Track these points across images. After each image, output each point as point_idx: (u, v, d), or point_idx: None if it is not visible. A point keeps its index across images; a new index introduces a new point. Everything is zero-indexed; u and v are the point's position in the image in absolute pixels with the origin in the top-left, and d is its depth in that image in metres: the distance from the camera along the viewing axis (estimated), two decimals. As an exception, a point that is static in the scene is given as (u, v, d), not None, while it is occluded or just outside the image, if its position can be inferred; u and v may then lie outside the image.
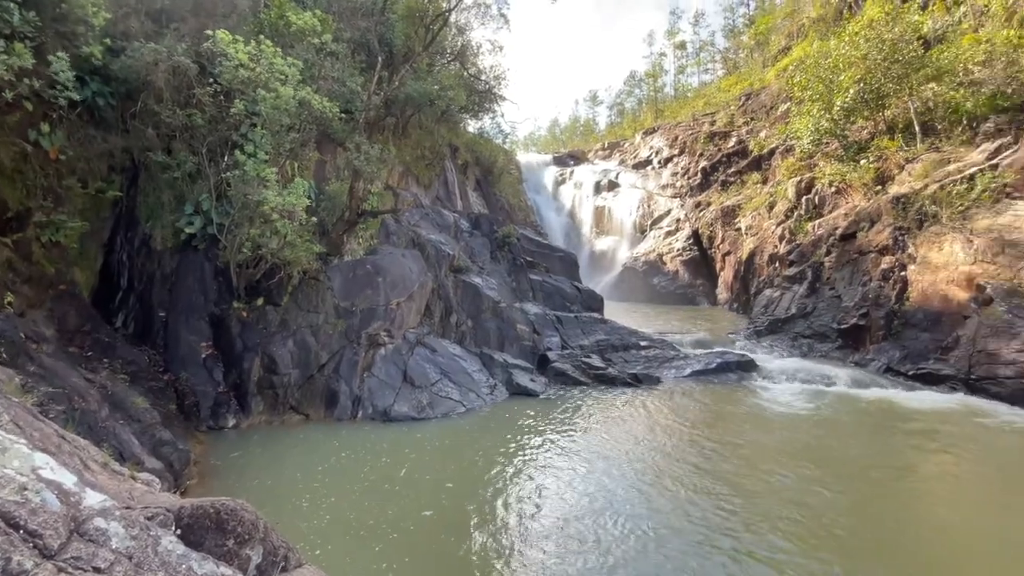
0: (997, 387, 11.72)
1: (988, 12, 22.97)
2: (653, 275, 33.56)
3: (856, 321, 15.46)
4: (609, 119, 79.92)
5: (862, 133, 21.08)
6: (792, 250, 20.35)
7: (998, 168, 14.74)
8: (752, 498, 7.39)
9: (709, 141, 35.85)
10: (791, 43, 39.49)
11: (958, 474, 8.60)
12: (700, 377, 14.15)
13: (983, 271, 13.20)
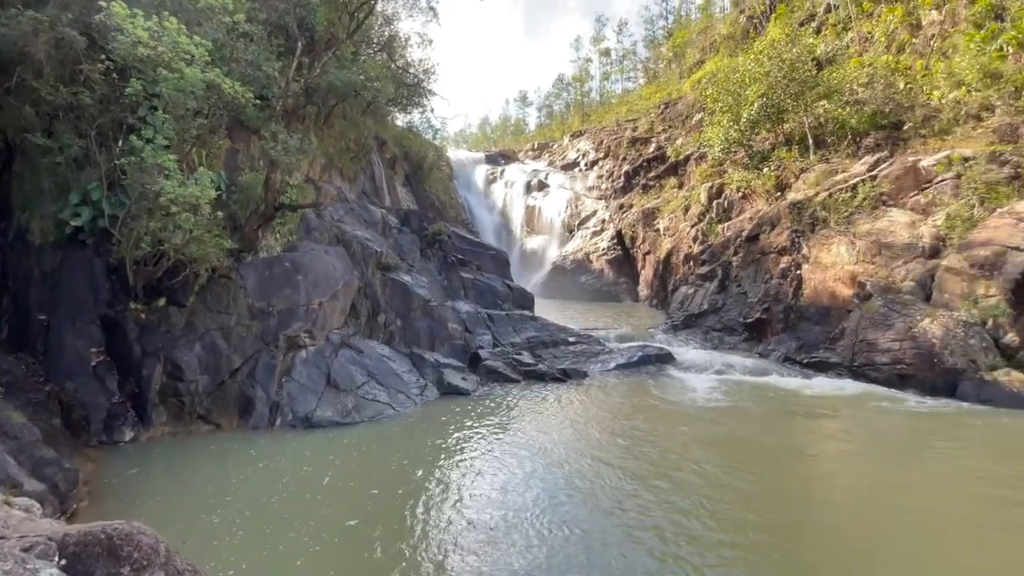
0: (875, 372, 13.31)
1: (871, 39, 26.01)
2: (581, 273, 34.63)
3: (759, 315, 16.91)
4: (539, 120, 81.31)
5: (765, 144, 23.06)
6: (704, 250, 21.87)
7: (876, 179, 16.75)
8: (673, 485, 7.81)
9: (631, 146, 37.55)
10: (705, 57, 42.31)
11: (848, 452, 9.70)
12: (623, 370, 14.80)
13: (864, 270, 14.94)
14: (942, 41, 22.10)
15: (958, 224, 13.94)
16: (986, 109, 16.96)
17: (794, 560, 6.01)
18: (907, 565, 5.93)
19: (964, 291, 12.86)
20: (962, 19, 21.80)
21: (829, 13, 29.98)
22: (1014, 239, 12.62)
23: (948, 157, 15.53)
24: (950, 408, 11.26)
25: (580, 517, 6.82)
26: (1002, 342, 12.15)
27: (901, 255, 14.48)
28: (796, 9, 32.85)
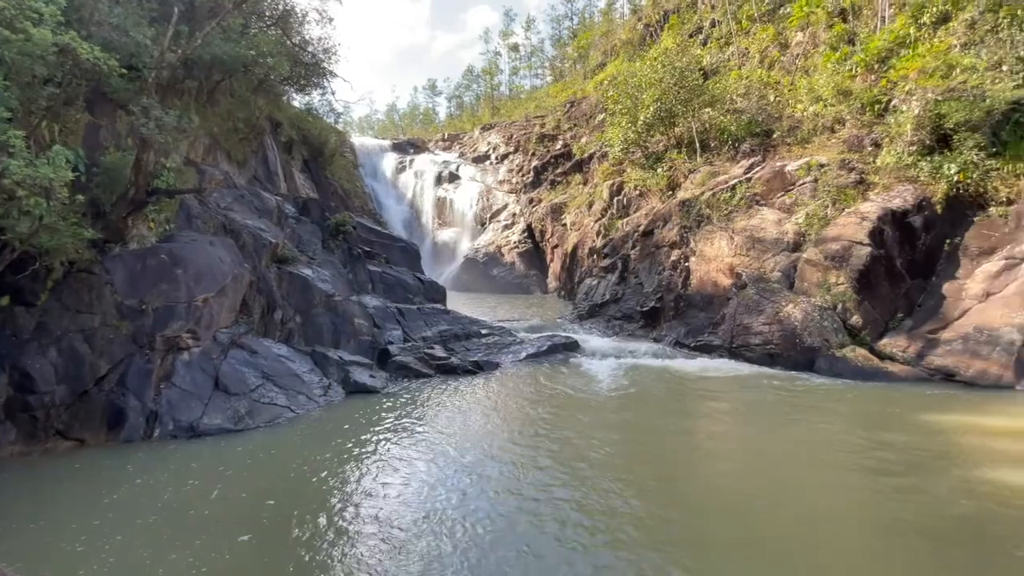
0: (750, 352, 14.96)
1: (748, 54, 28.90)
2: (493, 266, 34.95)
3: (654, 304, 18.26)
4: (449, 111, 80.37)
5: (659, 145, 24.81)
6: (606, 244, 23.11)
7: (751, 181, 18.74)
8: (578, 473, 8.16)
9: (540, 142, 38.48)
10: (607, 60, 44.42)
11: (729, 425, 10.82)
12: (534, 359, 15.24)
13: (740, 262, 16.69)
14: (805, 60, 25.20)
15: (815, 222, 16.05)
16: (839, 122, 19.63)
17: (700, 536, 6.61)
18: (783, 517, 6.79)
19: (819, 280, 14.87)
20: (821, 41, 25.01)
21: (713, 28, 32.88)
22: (858, 235, 14.81)
23: (808, 163, 17.80)
24: (809, 381, 13.00)
25: (491, 515, 6.75)
26: (849, 323, 14.25)
27: (770, 249, 16.38)
28: (686, 22, 35.61)
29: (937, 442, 9.06)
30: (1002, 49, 16.85)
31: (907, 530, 6.40)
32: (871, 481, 7.85)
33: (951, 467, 8.07)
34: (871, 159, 16.97)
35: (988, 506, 6.84)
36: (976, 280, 13.83)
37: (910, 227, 14.89)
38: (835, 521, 6.71)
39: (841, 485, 7.79)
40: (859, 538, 6.30)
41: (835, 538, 6.31)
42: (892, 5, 22.81)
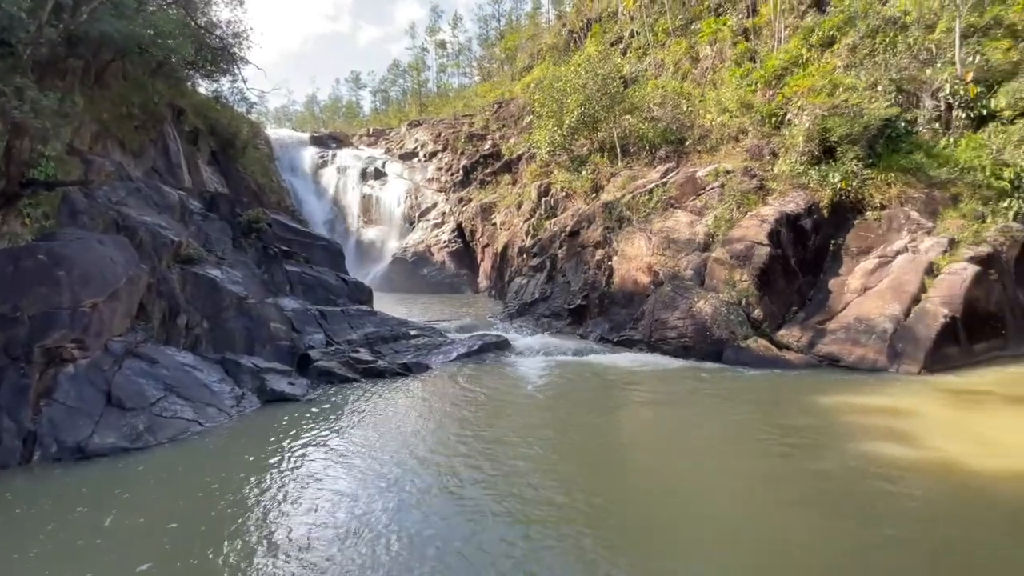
0: (667, 345, 15.87)
1: (664, 65, 30.62)
2: (423, 266, 34.40)
3: (580, 302, 18.89)
4: (374, 105, 77.96)
5: (583, 149, 25.69)
6: (535, 244, 23.56)
7: (667, 185, 19.91)
8: (516, 470, 8.17)
9: (469, 141, 38.41)
10: (533, 63, 45.20)
11: (649, 413, 11.44)
12: (465, 359, 15.19)
13: (658, 261, 17.69)
14: (714, 74, 27.18)
15: (722, 224, 17.36)
16: (742, 132, 21.37)
17: (627, 521, 6.91)
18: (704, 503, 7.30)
19: (726, 277, 16.11)
20: (727, 57, 27.10)
21: (633, 38, 34.55)
22: (759, 236, 16.21)
23: (716, 170, 19.22)
24: (718, 371, 14.03)
25: (421, 525, 6.47)
26: (752, 316, 15.56)
27: (684, 249, 17.52)
28: (608, 31, 37.12)
29: (825, 421, 10.16)
30: (878, 71, 19.23)
31: (803, 502, 7.16)
32: (770, 459, 8.68)
33: (835, 443, 9.09)
34: (770, 167, 18.65)
35: (866, 476, 7.80)
36: (856, 276, 15.66)
37: (802, 229, 16.55)
38: (744, 498, 7.34)
39: (746, 465, 8.52)
40: (761, 512, 6.94)
41: (743, 514, 6.90)
42: (787, 27, 25.23)
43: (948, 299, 13.78)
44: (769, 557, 5.95)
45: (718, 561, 5.85)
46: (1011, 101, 16.41)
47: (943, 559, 5.92)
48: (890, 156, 17.06)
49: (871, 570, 5.66)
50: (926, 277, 14.43)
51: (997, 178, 15.72)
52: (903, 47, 19.41)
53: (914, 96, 18.39)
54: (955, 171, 16.30)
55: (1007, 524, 6.59)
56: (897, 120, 17.63)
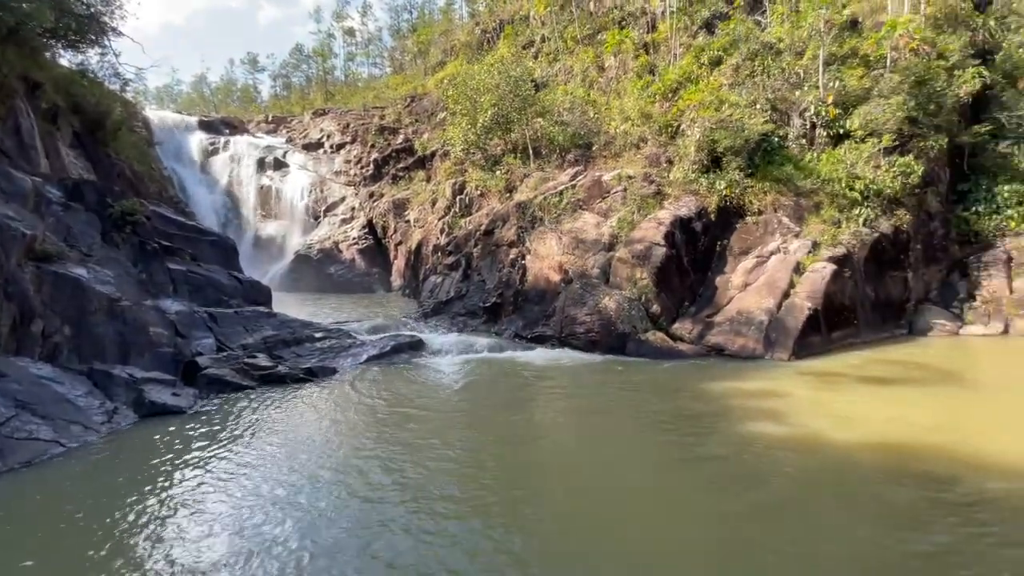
0: (576, 340, 16.59)
1: (573, 72, 31.80)
2: (330, 264, 32.74)
3: (495, 300, 19.14)
4: (274, 90, 72.73)
5: (497, 149, 25.97)
6: (450, 242, 23.45)
7: (575, 187, 20.76)
8: (426, 477, 8.06)
9: (380, 134, 37.18)
10: (447, 59, 44.78)
11: (559, 405, 11.89)
12: (376, 361, 14.74)
13: (567, 260, 18.42)
14: (617, 84, 28.75)
15: (625, 226, 18.48)
16: (643, 140, 22.84)
17: (540, 512, 7.11)
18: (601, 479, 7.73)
19: (628, 275, 17.18)
20: (630, 69, 28.80)
21: (543, 43, 35.50)
22: (656, 237, 17.47)
23: (619, 174, 20.40)
24: (622, 363, 14.95)
25: (319, 545, 5.97)
26: (651, 312, 16.74)
27: (591, 248, 18.41)
28: (520, 34, 37.79)
29: (713, 406, 11.25)
30: (756, 91, 21.49)
31: (698, 482, 7.91)
32: (668, 444, 9.48)
33: (722, 425, 10.12)
34: (666, 174, 20.15)
35: (748, 453, 8.77)
36: (738, 274, 17.46)
37: (693, 231, 18.11)
38: (648, 483, 7.94)
39: (648, 451, 9.23)
40: (663, 494, 7.56)
41: (648, 497, 7.46)
42: (682, 45, 27.37)
43: (811, 294, 15.85)
44: (667, 532, 6.52)
45: (622, 540, 6.28)
46: (863, 122, 19.19)
47: (811, 521, 6.85)
48: (766, 167, 19.20)
49: (751, 536, 6.40)
50: (794, 275, 16.47)
51: (851, 189, 18.32)
52: (777, 70, 21.91)
53: (785, 114, 20.84)
54: (817, 182, 18.73)
55: (860, 485, 7.77)
56: (772, 135, 19.89)
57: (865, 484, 7.79)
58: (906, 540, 6.22)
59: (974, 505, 6.97)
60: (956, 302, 19.03)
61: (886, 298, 18.24)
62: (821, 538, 6.39)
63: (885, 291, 18.23)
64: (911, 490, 7.49)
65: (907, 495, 7.38)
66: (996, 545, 6.06)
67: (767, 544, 6.17)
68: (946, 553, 5.93)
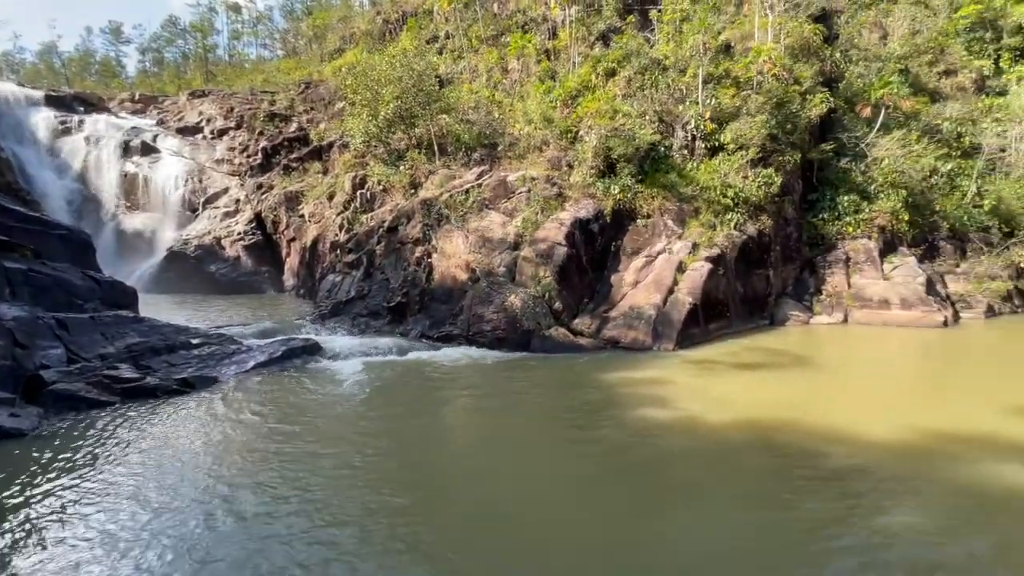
0: (483, 338, 16.70)
1: (478, 71, 31.88)
2: (211, 262, 29.58)
3: (400, 299, 18.63)
4: (143, 66, 64.36)
5: (401, 143, 25.26)
6: (351, 239, 22.37)
7: (481, 187, 20.85)
8: (321, 494, 7.54)
9: (270, 121, 34.40)
10: (345, 46, 42.66)
11: (470, 404, 11.87)
12: (265, 368, 13.63)
13: (474, 259, 18.47)
14: (521, 87, 29.38)
15: (529, 226, 18.96)
16: (545, 143, 23.56)
17: (441, 507, 6.99)
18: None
19: (533, 274, 17.67)
20: (532, 73, 29.57)
21: (448, 40, 35.22)
22: (558, 237, 18.15)
23: (523, 176, 20.87)
24: (527, 359, 15.35)
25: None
26: (553, 308, 17.35)
27: (497, 247, 18.64)
28: (423, 27, 37.12)
29: (608, 395, 11.98)
30: (646, 103, 23.14)
31: (594, 468, 8.35)
32: (568, 434, 9.94)
33: (617, 412, 10.81)
34: (567, 177, 21.01)
35: (638, 437, 9.44)
36: (630, 272, 18.73)
37: (591, 232, 19.09)
38: (548, 474, 8.21)
39: (549, 443, 9.58)
40: (560, 483, 7.87)
41: (548, 488, 7.72)
42: (580, 55, 28.67)
43: (692, 290, 17.48)
44: (564, 515, 6.82)
45: (522, 532, 6.46)
46: (734, 137, 21.50)
47: (692, 493, 7.56)
48: (654, 174, 20.80)
49: (641, 509, 6.91)
50: (677, 273, 18.06)
51: (724, 196, 20.45)
52: (664, 85, 23.82)
53: (671, 126, 22.73)
54: (697, 189, 20.69)
55: (735, 462, 8.71)
56: (659, 145, 21.59)
57: (738, 460, 8.78)
58: (778, 510, 7.10)
59: (830, 473, 8.14)
60: (807, 296, 22.14)
61: (752, 293, 20.69)
62: (702, 514, 7.09)
63: (751, 287, 20.67)
64: (777, 462, 8.60)
65: (774, 467, 8.46)
66: (854, 508, 7.13)
67: (652, 520, 6.72)
68: (813, 519, 6.86)
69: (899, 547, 6.14)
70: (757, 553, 6.06)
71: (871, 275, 21.81)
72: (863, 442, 9.10)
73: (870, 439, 9.20)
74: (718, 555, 6.05)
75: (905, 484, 7.69)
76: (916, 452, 8.75)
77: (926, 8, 34.40)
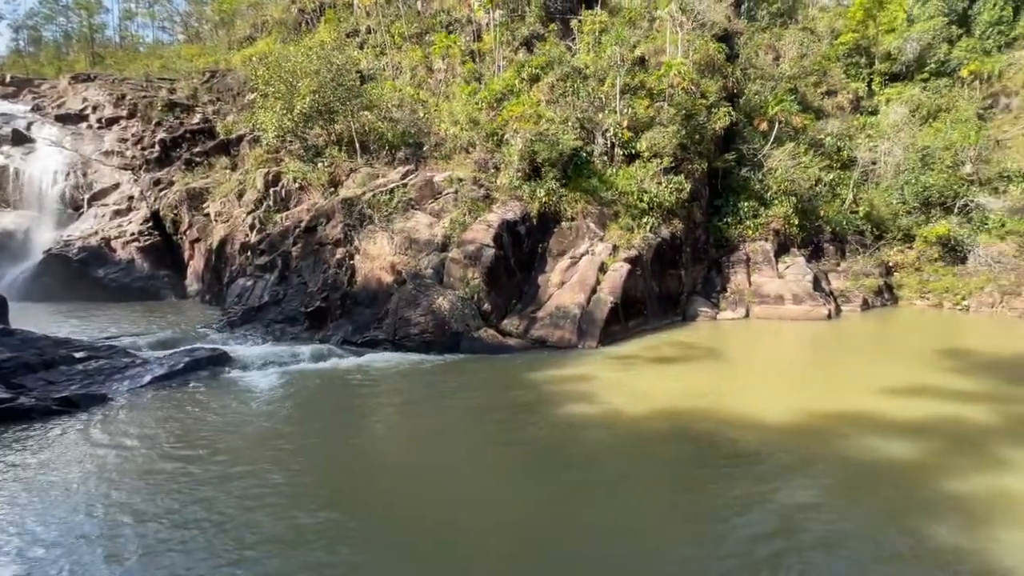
0: (410, 342, 16.33)
1: (401, 68, 31.17)
2: (98, 265, 26.44)
3: (320, 304, 17.74)
4: (16, 44, 56.22)
5: (319, 140, 24.10)
6: (263, 239, 20.97)
7: (407, 186, 20.40)
8: (225, 521, 6.91)
9: (169, 111, 31.47)
10: (256, 34, 40.01)
11: (396, 410, 11.52)
12: (164, 383, 12.39)
13: (400, 260, 18.03)
14: (447, 87, 29.13)
15: (457, 227, 18.84)
16: (472, 145, 23.53)
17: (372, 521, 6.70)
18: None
19: (461, 275, 17.57)
20: (458, 74, 29.41)
21: (369, 35, 34.14)
22: (486, 239, 18.19)
23: (450, 177, 20.70)
24: (456, 362, 15.22)
25: None
26: (482, 310, 17.36)
27: (424, 249, 18.34)
28: (343, 20, 35.70)
29: (535, 394, 12.19)
30: (568, 109, 23.84)
31: (523, 465, 8.43)
32: (497, 434, 9.98)
33: (544, 409, 11.03)
34: (494, 179, 21.13)
35: (565, 432, 9.69)
36: (556, 273, 19.20)
37: (519, 234, 19.34)
38: (477, 474, 8.17)
39: (478, 443, 9.56)
40: (490, 482, 7.86)
41: (478, 488, 7.68)
42: (505, 59, 28.98)
43: (613, 289, 18.25)
44: (492, 515, 6.83)
45: (452, 536, 6.38)
46: (648, 145, 22.73)
47: (614, 483, 7.87)
48: (577, 179, 21.49)
49: (573, 502, 7.09)
50: (600, 273, 18.78)
51: (640, 201, 21.56)
52: (585, 93, 24.68)
53: (592, 133, 23.61)
54: (616, 194, 21.64)
55: (652, 450, 9.19)
56: (581, 151, 22.33)
57: (657, 449, 9.28)
58: (691, 492, 7.58)
59: (738, 456, 8.82)
60: (714, 293, 23.91)
61: (667, 291, 22.01)
62: (621, 501, 7.41)
63: (666, 286, 21.97)
64: (692, 449, 9.18)
65: (689, 453, 9.02)
66: (759, 487, 7.75)
67: (574, 510, 6.94)
68: (723, 498, 7.39)
69: (798, 519, 6.80)
70: (670, 531, 6.46)
71: (768, 274, 24.00)
72: (765, 426, 9.97)
73: (771, 422, 10.11)
74: (633, 533, 6.38)
75: (802, 462, 8.53)
76: (809, 432, 9.73)
77: (812, 34, 38.58)
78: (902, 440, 9.20)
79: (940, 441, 9.19)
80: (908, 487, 7.65)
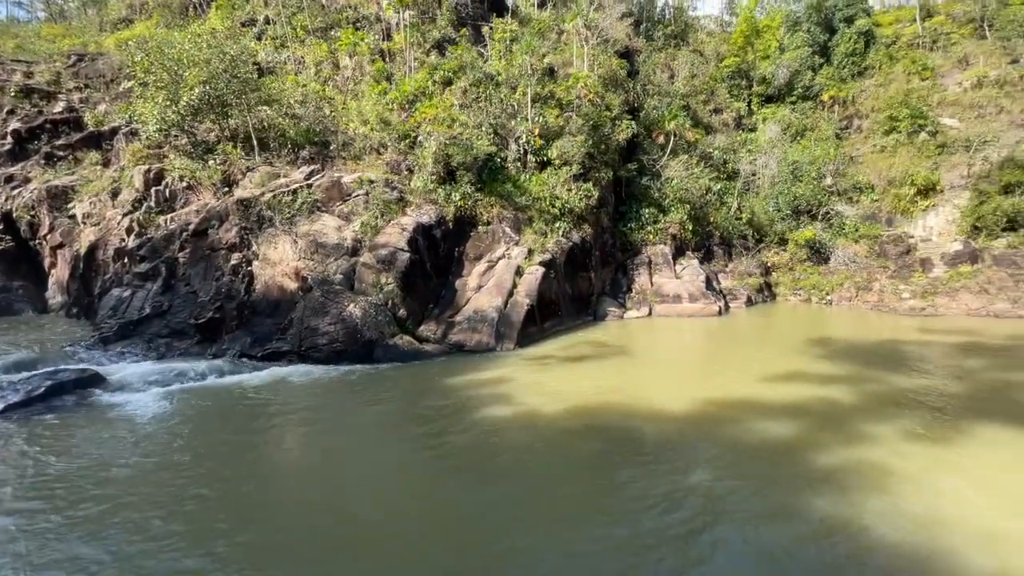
0: (318, 353, 15.41)
1: (304, 63, 29.49)
2: (-77, 275, 22.03)
3: (212, 314, 16.17)
4: None
5: (210, 135, 22.06)
6: (143, 244, 18.70)
7: (312, 187, 19.28)
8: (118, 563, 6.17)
9: (26, 97, 27.16)
10: (134, 16, 35.91)
11: (305, 430, 10.74)
12: (19, 412, 10.62)
13: (306, 265, 16.97)
14: (355, 85, 28.03)
15: (369, 230, 18.15)
16: (383, 146, 22.85)
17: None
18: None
19: (374, 280, 16.94)
20: (367, 72, 28.42)
21: (268, 25, 31.96)
22: (400, 243, 17.71)
23: (361, 178, 19.91)
24: (370, 372, 14.59)
25: None
26: (398, 316, 16.85)
27: (333, 253, 17.44)
28: (238, 8, 33.09)
29: (454, 399, 12.02)
30: (481, 115, 23.98)
31: (443, 472, 8.24)
32: (413, 444, 9.70)
33: (462, 415, 10.90)
34: (407, 181, 20.68)
35: (484, 436, 9.64)
36: (473, 277, 19.19)
37: (435, 238, 19.09)
38: (395, 486, 7.84)
39: (395, 456, 9.20)
40: (413, 484, 7.61)
41: (396, 501, 7.38)
42: (416, 60, 28.52)
43: (529, 292, 18.61)
44: (419, 531, 6.61)
45: (368, 548, 6.08)
46: (559, 153, 23.53)
47: (536, 486, 7.96)
48: (492, 183, 21.69)
49: (495, 509, 7.05)
50: (516, 277, 19.06)
51: (552, 206, 22.23)
52: (497, 100, 24.99)
53: (505, 139, 23.96)
54: (530, 199, 22.13)
55: (568, 446, 9.43)
56: (495, 156, 22.58)
57: (571, 445, 9.55)
58: (599, 482, 7.87)
59: (643, 446, 9.33)
60: (621, 294, 25.27)
61: (578, 293, 22.89)
62: (535, 497, 7.53)
63: (578, 288, 22.85)
64: (602, 442, 9.55)
65: (599, 447, 9.37)
66: (662, 474, 8.23)
67: (488, 511, 6.93)
68: (629, 487, 7.74)
69: (700, 503, 7.32)
70: (577, 519, 6.68)
71: (667, 275, 25.85)
72: (667, 416, 10.67)
73: (672, 413, 10.84)
74: (542, 524, 6.53)
75: (700, 448, 9.22)
76: (705, 420, 10.55)
77: (701, 56, 42.30)
78: (782, 421, 10.29)
79: (813, 420, 10.40)
80: (788, 464, 8.56)
